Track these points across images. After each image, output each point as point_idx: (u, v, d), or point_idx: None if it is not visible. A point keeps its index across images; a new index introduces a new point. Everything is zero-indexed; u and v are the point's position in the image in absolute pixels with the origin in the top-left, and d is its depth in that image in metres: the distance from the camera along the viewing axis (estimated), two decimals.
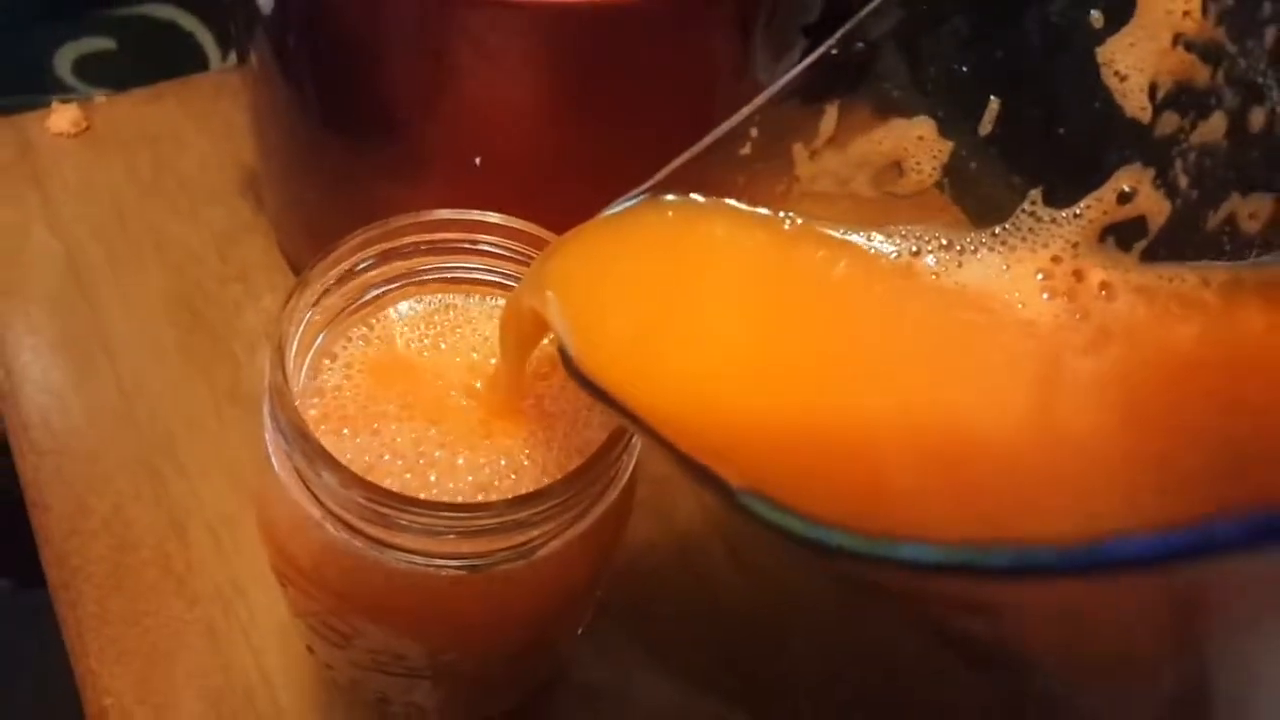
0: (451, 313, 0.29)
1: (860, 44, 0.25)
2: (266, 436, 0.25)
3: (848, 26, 0.25)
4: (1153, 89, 0.25)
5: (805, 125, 0.26)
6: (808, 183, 0.27)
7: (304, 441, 0.23)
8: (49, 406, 0.42)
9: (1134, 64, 0.26)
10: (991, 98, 0.27)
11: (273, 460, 0.25)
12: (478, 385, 0.28)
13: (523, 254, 0.27)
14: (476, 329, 0.29)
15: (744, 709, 0.39)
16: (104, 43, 0.58)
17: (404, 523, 0.23)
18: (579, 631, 0.37)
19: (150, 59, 0.57)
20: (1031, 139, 0.28)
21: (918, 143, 0.28)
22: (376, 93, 0.35)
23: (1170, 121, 0.26)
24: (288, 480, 0.25)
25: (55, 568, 0.38)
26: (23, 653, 0.57)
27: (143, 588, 0.38)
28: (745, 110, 0.25)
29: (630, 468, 0.27)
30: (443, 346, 0.28)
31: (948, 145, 0.28)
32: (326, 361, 0.27)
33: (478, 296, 0.29)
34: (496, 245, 0.27)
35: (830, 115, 0.26)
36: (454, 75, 0.33)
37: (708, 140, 0.25)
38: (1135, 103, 0.26)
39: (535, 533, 0.25)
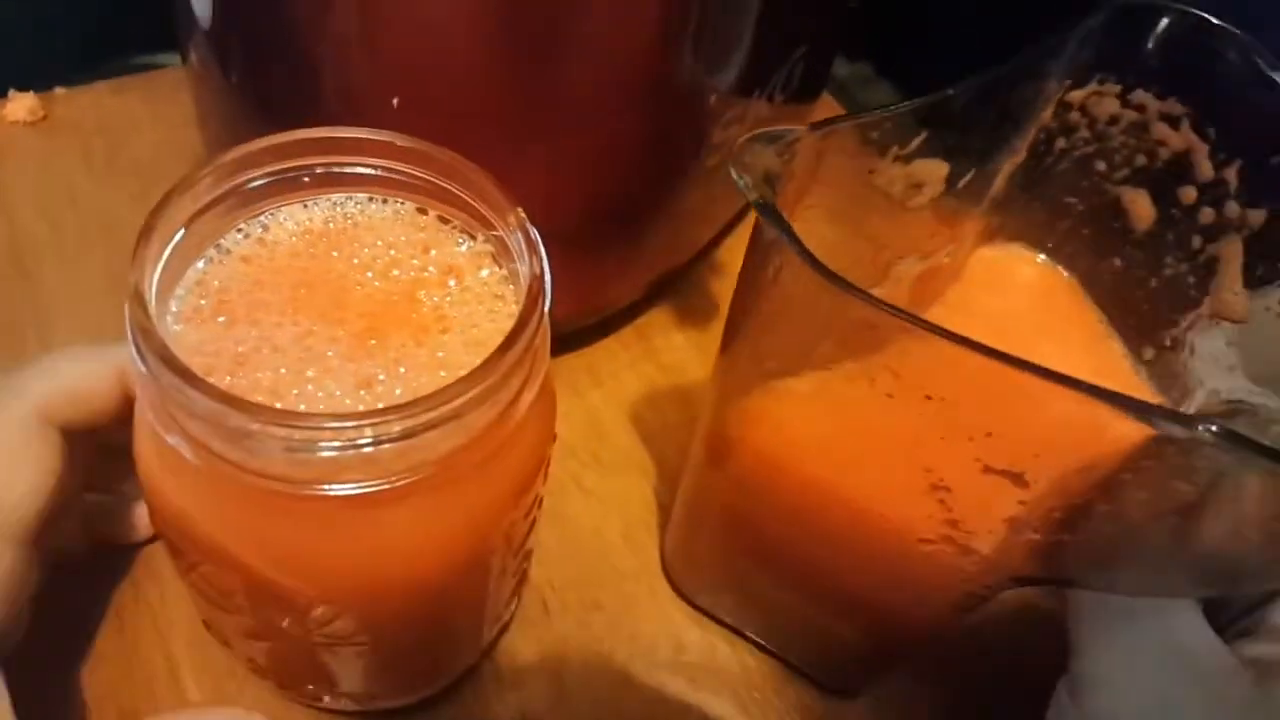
0: (344, 218, 0.26)
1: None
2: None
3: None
4: None
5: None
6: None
7: (149, 337, 0.20)
8: None
9: None
10: None
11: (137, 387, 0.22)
12: (367, 286, 0.25)
13: (413, 164, 0.26)
14: (372, 233, 0.26)
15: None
16: None
17: (256, 428, 0.20)
18: (507, 612, 0.34)
19: None
20: None
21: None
22: (297, 74, 0.34)
23: None
24: (144, 402, 0.22)
25: None
26: None
27: None
28: None
29: (533, 386, 0.24)
30: (335, 254, 0.26)
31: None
32: (213, 252, 0.25)
33: (375, 203, 0.27)
34: (387, 154, 0.26)
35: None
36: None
37: None
38: None
39: (424, 453, 0.22)
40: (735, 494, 0.32)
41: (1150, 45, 0.30)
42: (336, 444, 0.21)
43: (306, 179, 0.26)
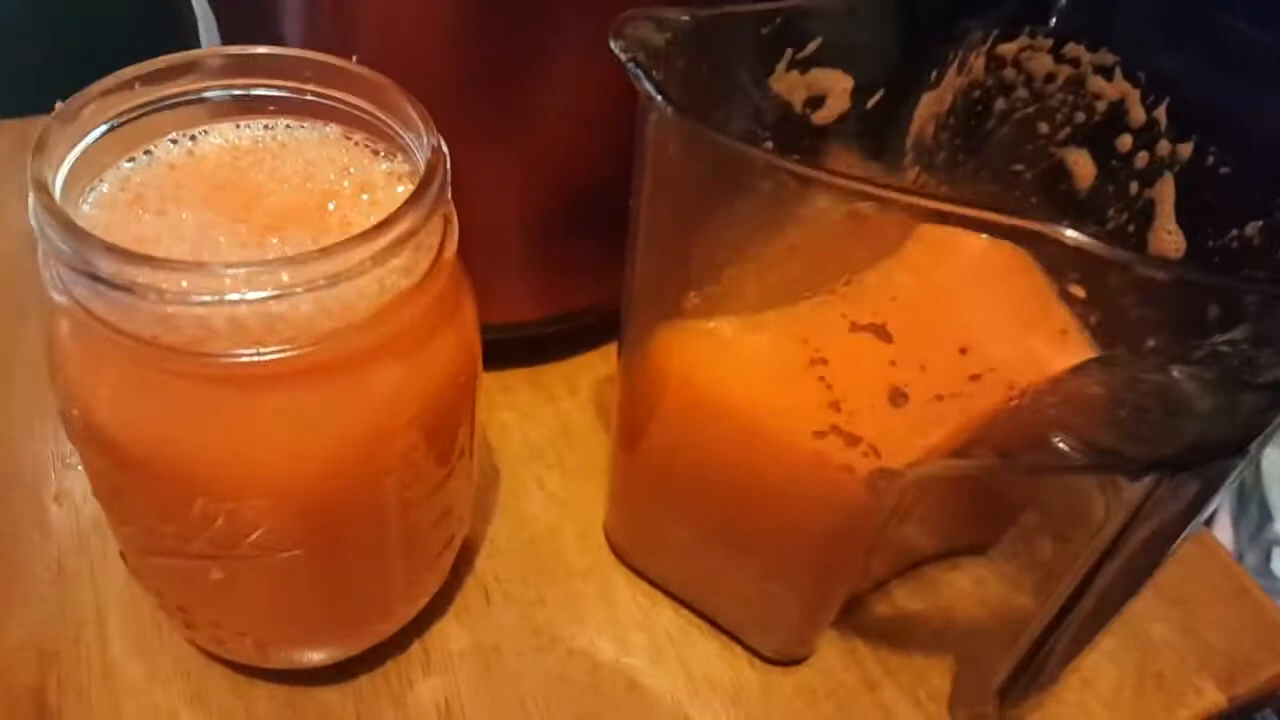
0: (273, 139, 0.27)
1: None
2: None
3: None
4: None
5: None
6: None
7: (40, 190, 0.22)
8: None
9: None
10: None
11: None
12: (281, 194, 0.26)
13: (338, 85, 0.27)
14: (298, 154, 0.27)
15: None
16: None
17: (122, 269, 0.21)
18: (431, 578, 0.33)
19: None
20: None
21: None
22: None
23: None
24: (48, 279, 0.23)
25: None
26: None
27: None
28: None
29: (428, 290, 0.25)
30: (256, 168, 0.27)
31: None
32: (142, 157, 0.27)
33: (304, 128, 0.28)
34: (318, 75, 0.27)
35: None
36: None
37: None
38: None
39: (299, 326, 0.22)
40: (658, 433, 0.32)
41: None
42: (206, 298, 0.21)
43: (240, 98, 0.27)
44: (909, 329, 0.23)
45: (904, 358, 0.24)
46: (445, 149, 0.25)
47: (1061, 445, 0.25)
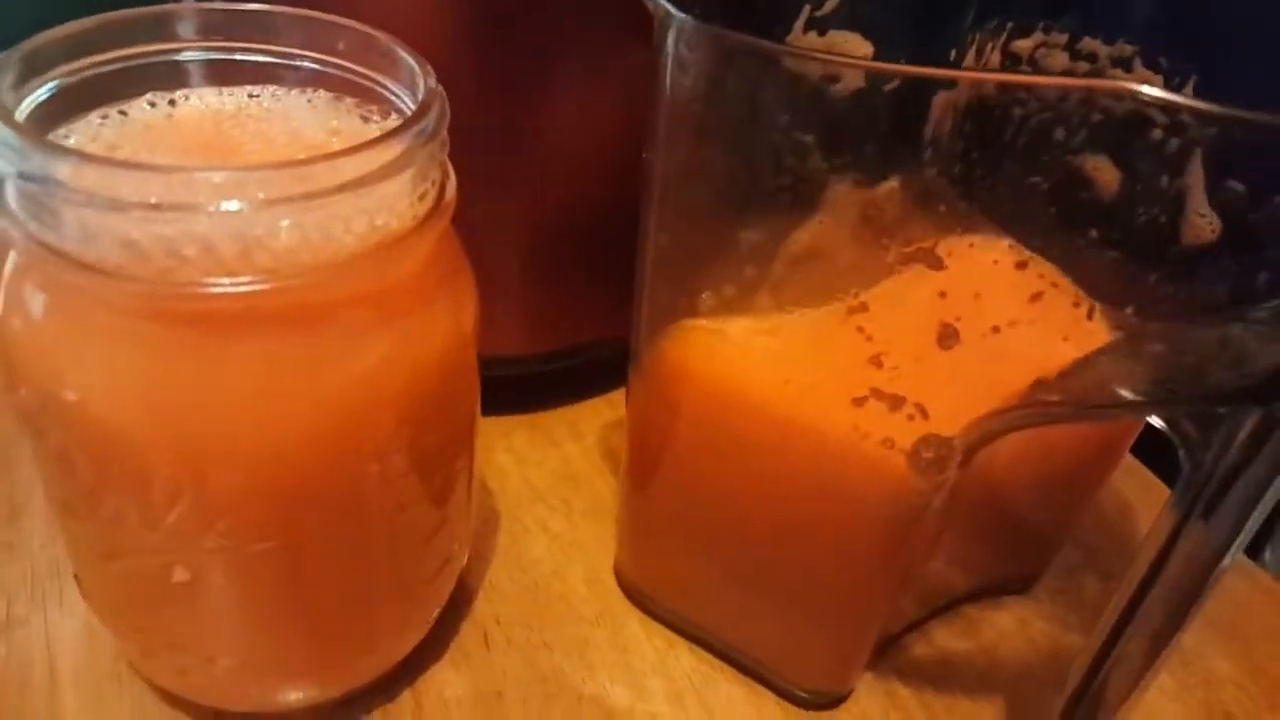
0: (258, 105, 0.26)
1: None
2: None
3: None
4: None
5: None
6: None
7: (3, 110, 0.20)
8: None
9: None
10: None
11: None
12: (262, 151, 0.24)
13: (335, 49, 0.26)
14: (283, 117, 0.26)
15: None
16: None
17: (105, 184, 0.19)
18: (425, 601, 0.29)
19: None
20: None
21: None
22: None
23: None
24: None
25: None
26: None
27: None
28: None
29: (419, 246, 0.23)
30: (238, 131, 0.25)
31: None
32: (116, 116, 0.25)
33: (291, 95, 0.27)
34: (308, 42, 0.26)
35: None
36: None
37: None
38: None
39: (276, 254, 0.20)
40: (677, 448, 0.29)
41: None
42: (170, 215, 0.19)
43: (225, 62, 0.26)
44: (963, 246, 0.21)
45: (955, 285, 0.21)
46: (444, 92, 0.24)
47: (1125, 393, 0.22)
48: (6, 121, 0.20)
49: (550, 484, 0.39)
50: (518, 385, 0.41)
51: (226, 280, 0.20)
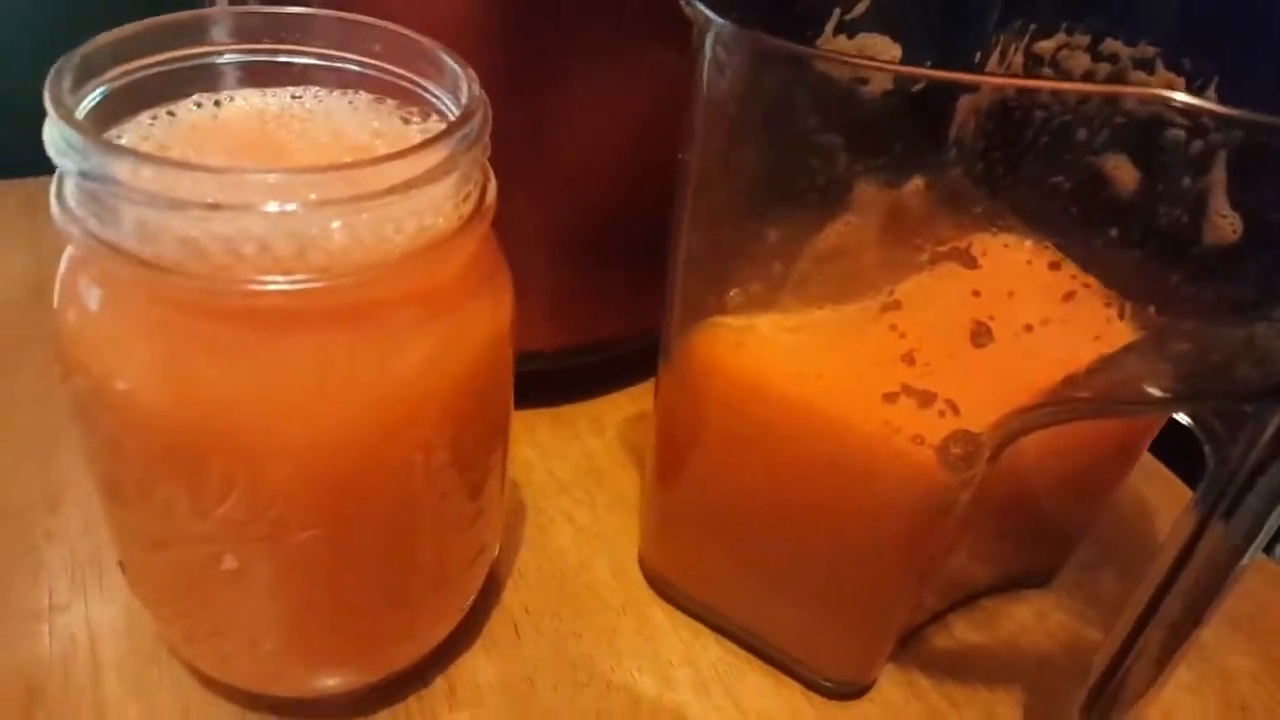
0: (301, 106, 0.26)
1: None
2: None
3: None
4: None
5: None
6: None
7: (62, 108, 0.20)
8: None
9: None
10: None
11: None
12: (307, 151, 0.25)
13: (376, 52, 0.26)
14: (326, 118, 0.26)
15: None
16: None
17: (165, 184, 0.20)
18: (461, 588, 0.30)
19: None
20: None
21: None
22: None
23: None
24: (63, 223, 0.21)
25: None
26: None
27: None
28: None
29: (464, 243, 0.23)
30: (283, 131, 0.25)
31: None
32: (165, 116, 0.25)
33: (334, 96, 0.27)
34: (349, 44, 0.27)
35: None
36: None
37: None
38: None
39: (328, 253, 0.21)
40: (705, 440, 0.30)
41: None
42: (228, 214, 0.20)
43: (267, 64, 0.26)
44: (996, 246, 0.22)
45: (989, 284, 0.22)
46: (487, 98, 0.24)
47: (1152, 390, 0.23)
48: (70, 123, 0.20)
49: (574, 476, 0.40)
50: (541, 379, 0.41)
51: (282, 278, 0.21)
